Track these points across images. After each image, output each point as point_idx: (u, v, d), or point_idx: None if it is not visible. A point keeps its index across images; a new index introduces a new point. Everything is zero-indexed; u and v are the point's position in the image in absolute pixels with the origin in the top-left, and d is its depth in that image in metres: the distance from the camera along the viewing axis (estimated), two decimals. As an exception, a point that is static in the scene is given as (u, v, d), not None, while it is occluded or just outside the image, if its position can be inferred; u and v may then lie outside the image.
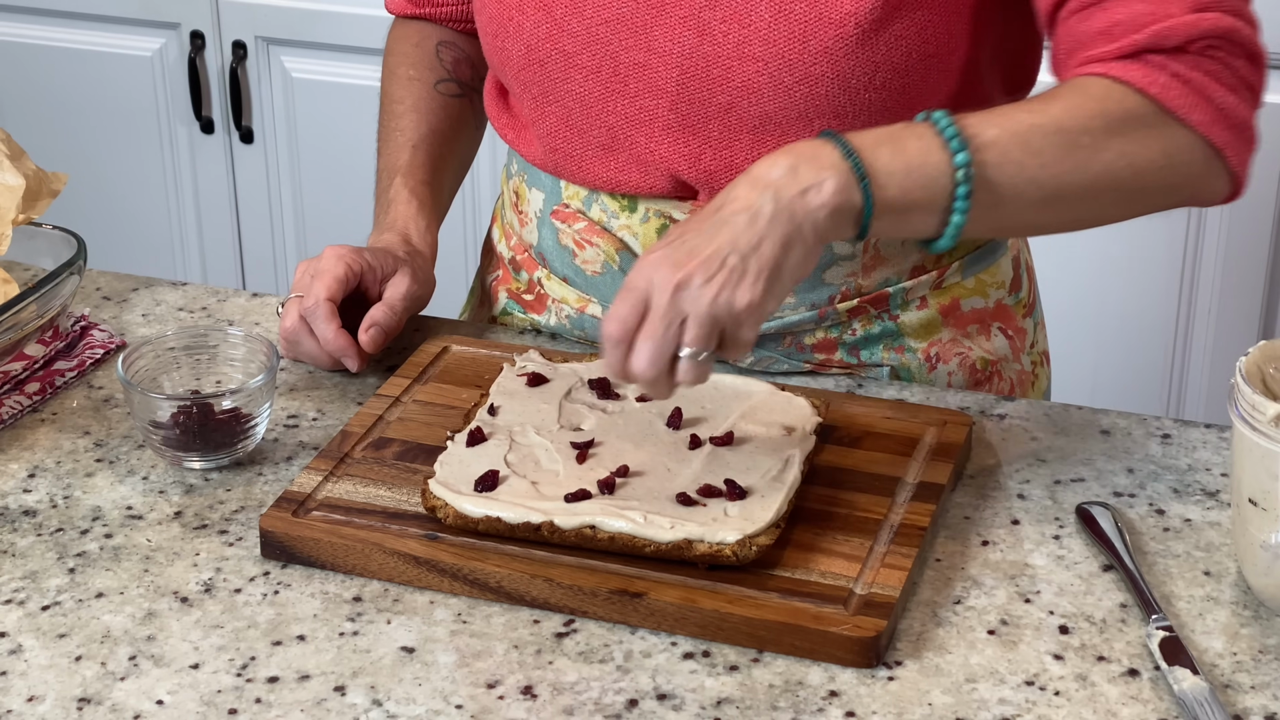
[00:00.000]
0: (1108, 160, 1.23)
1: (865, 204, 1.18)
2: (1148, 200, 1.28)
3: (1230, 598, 1.18)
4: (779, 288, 1.17)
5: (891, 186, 1.19)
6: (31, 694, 1.11)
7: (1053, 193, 1.23)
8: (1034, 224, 1.29)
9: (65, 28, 2.87)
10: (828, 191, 1.17)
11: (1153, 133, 1.24)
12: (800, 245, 1.17)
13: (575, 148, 1.43)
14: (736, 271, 1.16)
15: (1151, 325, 2.52)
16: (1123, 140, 1.23)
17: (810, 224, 1.17)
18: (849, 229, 1.20)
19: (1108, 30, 1.26)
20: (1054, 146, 1.22)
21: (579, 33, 1.38)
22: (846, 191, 1.18)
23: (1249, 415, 1.12)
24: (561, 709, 1.09)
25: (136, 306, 1.57)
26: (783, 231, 1.17)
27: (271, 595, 1.19)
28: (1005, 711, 1.08)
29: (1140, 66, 1.25)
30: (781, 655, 1.13)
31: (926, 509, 1.23)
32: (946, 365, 1.47)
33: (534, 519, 1.19)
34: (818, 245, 1.19)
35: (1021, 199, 1.23)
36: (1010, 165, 1.21)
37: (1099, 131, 1.23)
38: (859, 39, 1.31)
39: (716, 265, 1.16)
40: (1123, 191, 1.25)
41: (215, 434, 1.31)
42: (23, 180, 1.46)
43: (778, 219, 1.17)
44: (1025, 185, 1.22)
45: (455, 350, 1.45)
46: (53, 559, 1.23)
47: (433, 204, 1.54)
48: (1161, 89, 1.24)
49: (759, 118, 1.35)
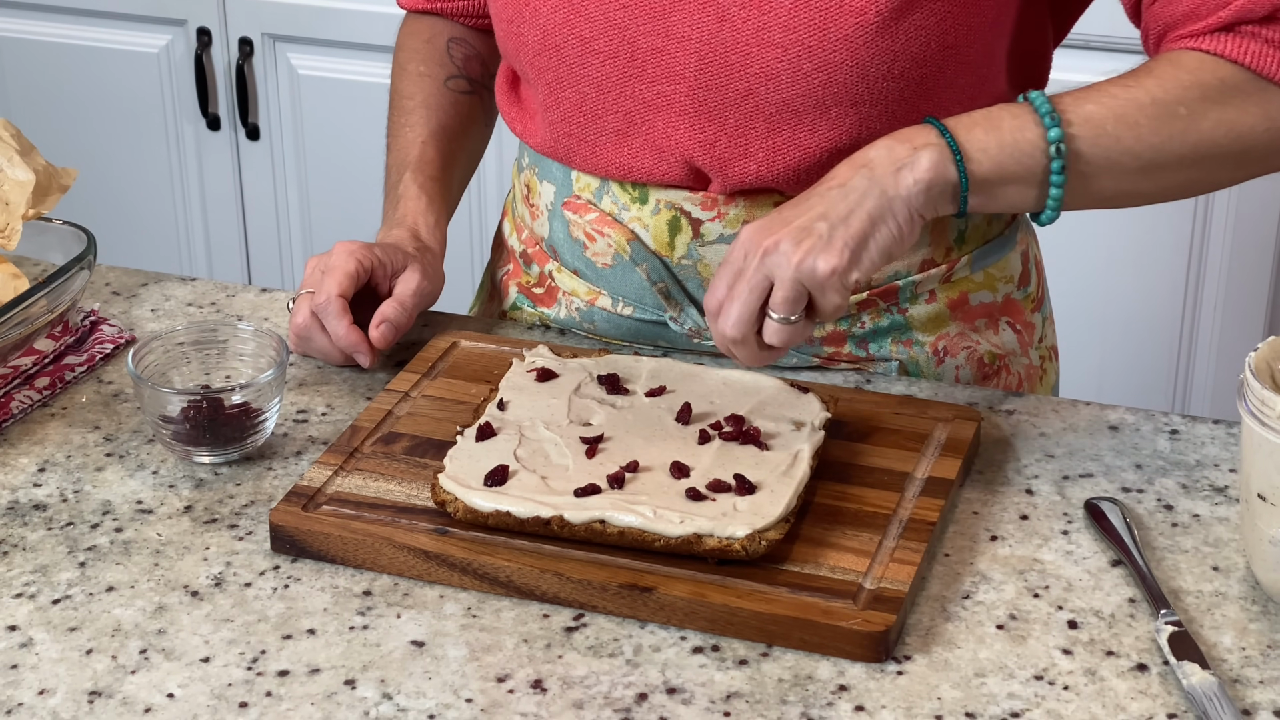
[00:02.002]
0: (1206, 129, 1.28)
1: (961, 178, 1.24)
2: (1254, 163, 1.32)
3: (1239, 593, 1.18)
4: (866, 258, 1.23)
5: (986, 161, 1.25)
6: (43, 687, 1.11)
7: (1150, 162, 1.28)
8: (1138, 192, 1.32)
9: (73, 24, 2.87)
10: (922, 167, 1.23)
11: (1251, 99, 1.28)
12: (891, 220, 1.23)
13: (589, 133, 1.43)
14: (823, 239, 1.21)
15: (1158, 321, 2.53)
16: (1220, 108, 1.28)
17: (902, 200, 1.23)
18: (948, 205, 1.26)
19: (1195, 10, 1.30)
20: (1150, 118, 1.27)
21: (596, 17, 1.38)
22: (941, 166, 1.24)
23: (1258, 410, 1.12)
24: (571, 703, 1.09)
25: (146, 302, 1.58)
26: (873, 204, 1.23)
27: (282, 589, 1.19)
28: (1014, 706, 1.08)
29: (1232, 37, 1.28)
30: (791, 650, 1.13)
31: (935, 504, 1.23)
32: (954, 359, 1.47)
33: (544, 513, 1.19)
34: (914, 221, 1.24)
35: (1118, 169, 1.27)
36: (1106, 139, 1.26)
37: (1195, 101, 1.27)
38: (879, 27, 1.31)
39: (804, 232, 1.22)
40: (1227, 157, 1.30)
41: (225, 428, 1.31)
42: (33, 175, 1.46)
43: (869, 194, 1.23)
44: (1121, 156, 1.27)
45: (464, 345, 1.45)
46: (63, 553, 1.23)
47: (442, 199, 1.54)
48: (1255, 57, 1.28)
49: (776, 105, 1.35)
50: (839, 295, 1.22)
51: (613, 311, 1.48)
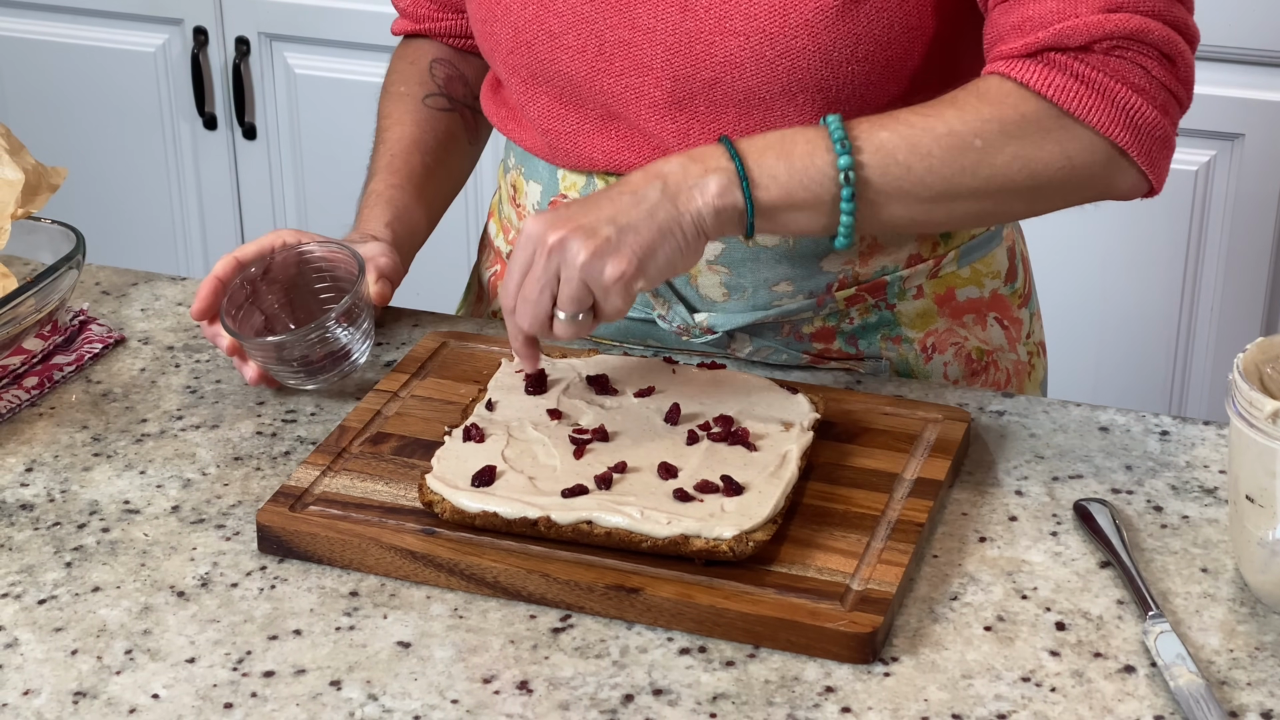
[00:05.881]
0: (1001, 163, 1.27)
1: (747, 205, 1.25)
2: (1049, 198, 1.31)
3: (1227, 594, 1.18)
4: (652, 268, 1.23)
5: (774, 188, 1.25)
6: (27, 687, 1.11)
7: (942, 193, 1.27)
8: (930, 221, 1.32)
9: (69, 23, 2.87)
10: (711, 191, 1.24)
11: (1050, 135, 1.27)
12: (678, 235, 1.24)
13: (569, 127, 1.43)
14: (611, 243, 1.22)
15: (1154, 322, 2.52)
16: (1018, 143, 1.26)
17: (691, 218, 1.24)
18: (735, 228, 1.26)
19: (1020, 25, 1.28)
20: (944, 149, 1.26)
21: (564, 12, 1.38)
22: (728, 193, 1.24)
23: (1246, 412, 1.12)
24: (557, 704, 1.08)
25: (135, 301, 1.57)
26: (662, 217, 1.23)
27: (268, 590, 1.19)
28: (1001, 708, 1.08)
29: (1040, 67, 1.27)
30: (778, 651, 1.13)
31: (924, 505, 1.23)
32: (942, 355, 1.47)
33: (531, 514, 1.19)
34: (698, 241, 1.25)
35: (908, 198, 1.27)
36: (896, 168, 1.26)
37: (993, 135, 1.26)
38: (838, 11, 1.31)
39: (591, 234, 1.22)
40: (1020, 191, 1.28)
41: None
42: (22, 175, 1.46)
43: (660, 206, 1.24)
44: (911, 185, 1.26)
45: (453, 346, 1.45)
46: (49, 553, 1.23)
47: (402, 201, 1.52)
48: (1058, 90, 1.26)
49: (744, 92, 1.35)
50: (623, 300, 1.23)
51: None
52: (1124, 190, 1.31)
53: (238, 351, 1.39)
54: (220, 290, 1.39)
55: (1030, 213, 1.33)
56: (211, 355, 1.48)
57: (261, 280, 1.41)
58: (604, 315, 1.24)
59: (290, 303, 1.42)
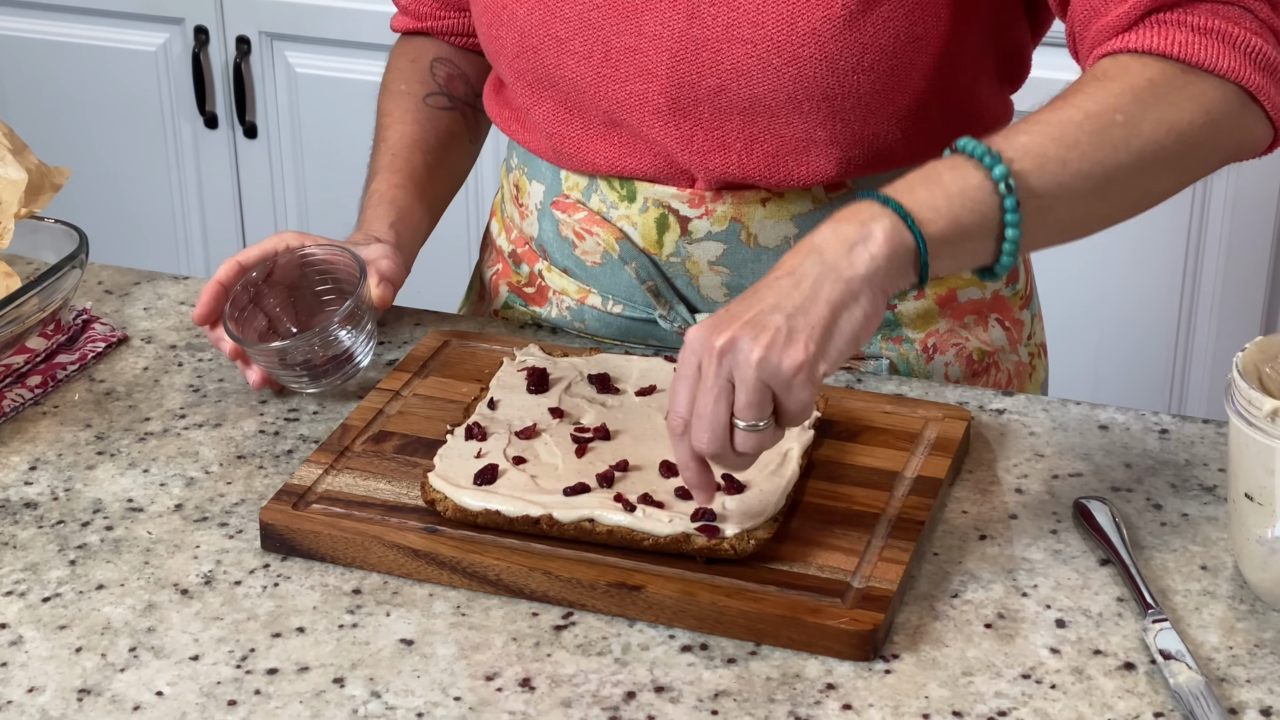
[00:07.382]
0: (1148, 132, 1.20)
1: (918, 242, 1.14)
2: (1197, 163, 1.25)
3: (1227, 592, 1.18)
4: (833, 348, 1.12)
5: (939, 219, 1.14)
6: (32, 685, 1.11)
7: (1102, 180, 1.20)
8: (1095, 216, 1.23)
9: (70, 23, 2.88)
10: (877, 241, 1.12)
11: (1184, 92, 1.22)
12: (855, 304, 1.12)
13: (574, 131, 1.43)
14: (782, 332, 1.10)
15: (1154, 321, 2.53)
16: (1157, 109, 1.21)
17: (862, 279, 1.12)
18: (910, 274, 1.15)
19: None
20: (1089, 134, 1.19)
21: (571, 18, 1.39)
22: (896, 236, 1.13)
23: (1245, 411, 1.12)
24: (559, 701, 1.09)
25: (138, 300, 1.58)
26: (831, 290, 1.12)
27: (271, 587, 1.19)
28: (1002, 705, 1.08)
29: (1151, 30, 1.23)
30: (779, 648, 1.13)
31: (925, 503, 1.23)
32: (943, 356, 1.47)
33: (533, 512, 1.19)
34: (879, 299, 1.13)
35: (1072, 194, 1.19)
36: (1051, 164, 1.18)
37: (1131, 107, 1.20)
38: (846, 20, 1.32)
39: (759, 328, 1.11)
40: (1170, 159, 1.22)
41: None
42: (25, 175, 1.46)
43: (824, 279, 1.12)
44: (1072, 179, 1.18)
45: (455, 344, 1.45)
46: (54, 551, 1.24)
47: (404, 201, 1.53)
48: (1180, 46, 1.22)
49: (749, 100, 1.35)
50: (806, 392, 1.11)
51: (603, 310, 1.48)
52: (1255, 141, 1.26)
53: (241, 355, 1.40)
54: (222, 294, 1.40)
55: (1178, 185, 1.26)
56: (214, 354, 1.48)
57: (264, 283, 1.41)
58: (788, 416, 1.12)
59: (293, 305, 1.43)
